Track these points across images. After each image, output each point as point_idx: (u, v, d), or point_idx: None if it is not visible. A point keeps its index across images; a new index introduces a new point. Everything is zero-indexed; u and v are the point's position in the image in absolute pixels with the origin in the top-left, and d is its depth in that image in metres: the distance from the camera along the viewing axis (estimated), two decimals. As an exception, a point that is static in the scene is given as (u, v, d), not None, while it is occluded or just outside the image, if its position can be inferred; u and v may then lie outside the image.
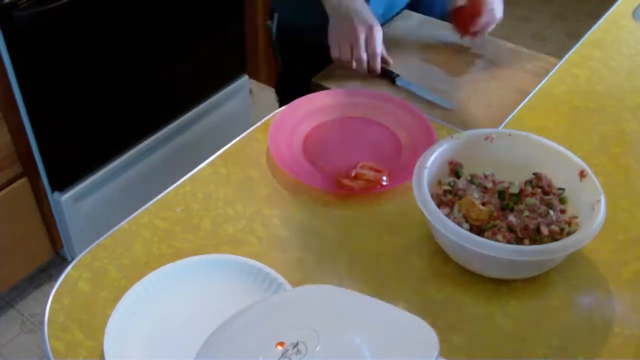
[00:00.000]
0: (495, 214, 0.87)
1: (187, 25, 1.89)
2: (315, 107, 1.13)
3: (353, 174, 0.99)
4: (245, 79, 2.16)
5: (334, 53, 1.24)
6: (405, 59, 1.30)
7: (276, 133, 1.06)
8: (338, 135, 1.10)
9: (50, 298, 0.84)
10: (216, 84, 2.09)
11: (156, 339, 0.80)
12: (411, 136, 1.08)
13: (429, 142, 1.03)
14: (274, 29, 1.43)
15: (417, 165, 0.90)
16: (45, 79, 1.60)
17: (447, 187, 0.90)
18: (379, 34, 1.21)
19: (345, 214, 0.96)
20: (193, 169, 1.03)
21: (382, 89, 1.22)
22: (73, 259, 0.89)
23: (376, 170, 1.00)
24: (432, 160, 0.91)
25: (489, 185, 0.91)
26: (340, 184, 0.98)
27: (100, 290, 0.85)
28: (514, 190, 0.89)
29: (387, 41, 1.35)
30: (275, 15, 1.41)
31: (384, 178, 0.98)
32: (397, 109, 1.12)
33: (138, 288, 0.83)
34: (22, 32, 1.50)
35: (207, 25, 1.95)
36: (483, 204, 0.88)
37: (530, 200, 0.88)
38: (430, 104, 1.19)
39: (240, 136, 1.09)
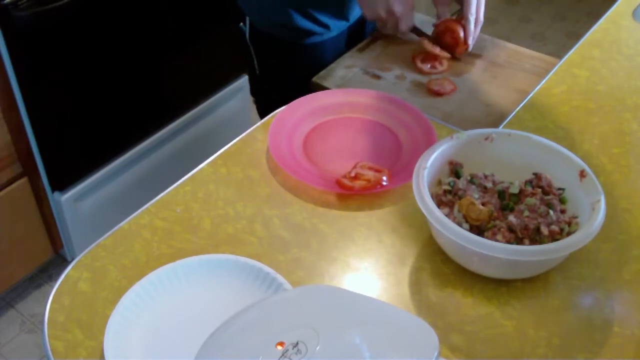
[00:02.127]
0: (495, 214, 0.87)
1: (187, 25, 1.89)
2: (315, 107, 1.13)
3: (353, 174, 0.99)
4: (245, 79, 2.16)
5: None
6: (404, 59, 1.30)
7: (276, 133, 1.06)
8: (338, 135, 1.10)
9: (50, 298, 0.84)
10: (216, 84, 2.09)
11: (156, 339, 0.80)
12: (411, 136, 1.08)
13: (429, 142, 1.03)
14: (247, 30, 1.41)
15: (417, 165, 0.90)
16: (45, 79, 1.60)
17: (447, 187, 0.90)
18: None
19: (345, 214, 0.96)
20: (193, 169, 1.03)
21: (382, 89, 1.22)
22: (73, 259, 0.89)
23: (376, 170, 1.00)
24: (432, 160, 0.91)
25: (489, 185, 0.91)
26: (341, 184, 0.98)
27: (100, 290, 0.85)
28: (514, 190, 0.89)
29: (385, 42, 1.35)
30: (247, 17, 1.39)
31: (384, 178, 0.98)
32: (397, 108, 1.12)
33: (138, 288, 0.83)
34: (22, 32, 1.50)
35: (207, 25, 1.95)
36: (483, 204, 0.88)
37: (530, 200, 0.88)
38: (431, 105, 1.19)
39: (240, 136, 1.09)
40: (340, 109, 1.13)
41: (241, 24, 1.41)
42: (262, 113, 1.43)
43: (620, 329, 0.82)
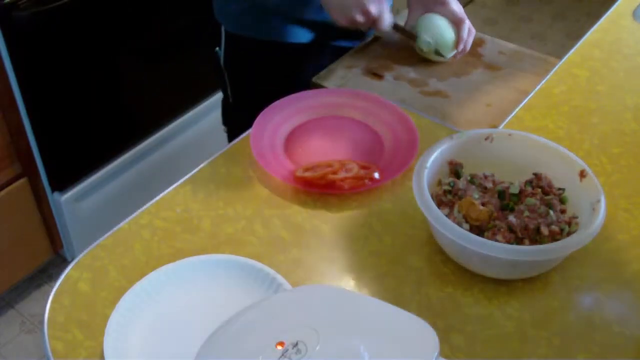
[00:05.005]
0: (495, 214, 0.87)
1: (190, 21, 1.89)
2: (294, 109, 1.12)
3: (342, 174, 0.99)
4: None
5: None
6: (404, 59, 1.30)
7: (258, 135, 1.06)
8: (317, 136, 1.09)
9: (50, 298, 0.84)
10: (217, 82, 2.08)
11: (156, 339, 0.80)
12: (391, 131, 1.08)
13: (410, 135, 1.05)
14: (222, 54, 1.36)
15: (417, 165, 0.90)
16: (45, 79, 1.60)
17: (447, 187, 0.90)
18: None
19: (345, 214, 0.96)
20: (193, 169, 1.03)
21: (382, 89, 1.22)
22: (73, 259, 0.89)
23: (364, 167, 1.00)
24: (432, 160, 0.91)
25: (489, 185, 0.91)
26: (333, 184, 0.97)
27: (100, 290, 0.85)
28: (514, 190, 0.89)
29: (384, 42, 1.35)
30: (223, 36, 1.35)
31: (376, 174, 0.98)
32: (373, 105, 1.12)
33: (138, 288, 0.83)
34: (22, 32, 1.50)
35: (208, 23, 1.94)
36: (483, 204, 0.88)
37: (530, 201, 0.88)
38: (431, 105, 1.19)
39: (241, 136, 1.09)
40: (317, 110, 1.13)
41: (217, 48, 1.38)
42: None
43: (620, 329, 0.82)
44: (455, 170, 0.94)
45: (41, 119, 1.63)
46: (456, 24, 1.25)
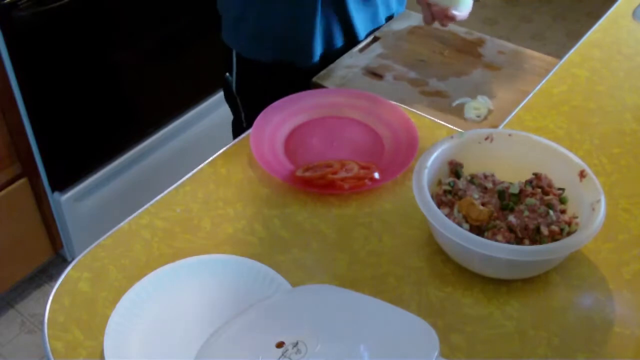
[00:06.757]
0: (495, 214, 0.87)
1: (189, 21, 1.89)
2: (294, 109, 1.12)
3: (342, 174, 0.99)
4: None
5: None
6: (404, 59, 1.30)
7: (258, 135, 1.06)
8: (317, 136, 1.10)
9: (50, 298, 0.84)
10: (217, 82, 2.08)
11: (156, 339, 0.80)
12: (391, 131, 1.08)
13: (410, 135, 1.05)
14: (234, 79, 1.36)
15: (417, 165, 0.90)
16: (45, 79, 1.60)
17: (447, 187, 0.90)
18: None
19: (345, 214, 0.96)
20: (193, 169, 1.03)
21: (382, 89, 1.22)
22: (73, 259, 0.90)
23: (363, 167, 1.00)
24: (432, 160, 0.91)
25: (489, 185, 0.91)
26: (333, 184, 0.97)
27: (100, 290, 0.85)
28: (514, 190, 0.89)
29: (384, 42, 1.35)
30: (234, 62, 1.34)
31: (376, 174, 0.98)
32: (373, 105, 1.12)
33: (138, 288, 0.83)
34: (22, 32, 1.50)
35: (209, 22, 1.94)
36: (483, 204, 0.88)
37: (530, 201, 0.88)
38: (430, 105, 1.19)
39: (241, 136, 1.09)
40: (317, 110, 1.13)
41: (227, 74, 1.37)
42: None
43: (620, 329, 0.82)
44: (455, 170, 0.94)
45: (41, 119, 1.63)
46: None
